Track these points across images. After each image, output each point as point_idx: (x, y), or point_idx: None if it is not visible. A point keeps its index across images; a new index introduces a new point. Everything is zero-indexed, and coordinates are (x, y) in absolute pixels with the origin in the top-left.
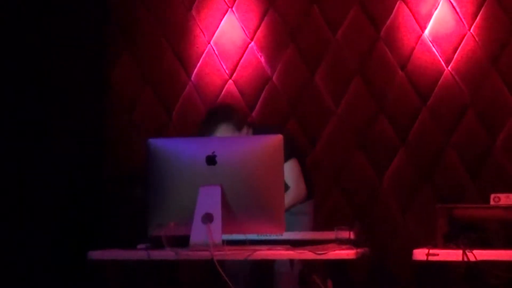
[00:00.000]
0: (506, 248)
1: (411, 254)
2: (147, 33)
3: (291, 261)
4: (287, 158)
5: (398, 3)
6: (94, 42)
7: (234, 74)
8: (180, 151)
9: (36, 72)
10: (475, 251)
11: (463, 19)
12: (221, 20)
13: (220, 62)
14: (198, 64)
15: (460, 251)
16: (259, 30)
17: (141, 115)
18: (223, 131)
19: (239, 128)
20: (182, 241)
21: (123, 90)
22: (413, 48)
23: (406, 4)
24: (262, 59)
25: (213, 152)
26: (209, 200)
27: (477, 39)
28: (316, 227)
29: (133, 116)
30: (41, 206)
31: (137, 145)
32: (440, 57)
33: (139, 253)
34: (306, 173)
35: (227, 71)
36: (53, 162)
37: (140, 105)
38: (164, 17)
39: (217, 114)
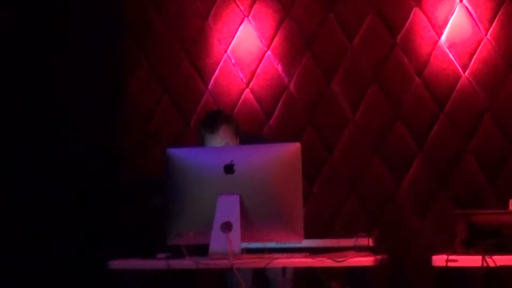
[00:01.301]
0: None
1: (429, 260)
2: (164, 43)
3: (283, 269)
4: None
5: (414, 9)
6: (111, 51)
7: (251, 83)
8: (199, 160)
9: (53, 83)
10: (494, 257)
11: (479, 25)
12: (238, 29)
13: (237, 71)
14: (215, 73)
15: (480, 257)
16: (275, 39)
17: (158, 125)
18: (224, 132)
19: (236, 133)
20: (201, 250)
21: (140, 100)
22: (430, 55)
23: (422, 10)
24: (279, 68)
25: (231, 161)
26: (227, 209)
27: (494, 44)
28: (334, 234)
29: (151, 125)
30: (60, 216)
31: (155, 154)
32: (457, 63)
33: (158, 263)
34: None
35: (244, 80)
36: (71, 172)
37: (158, 115)
38: (181, 27)
39: (219, 115)
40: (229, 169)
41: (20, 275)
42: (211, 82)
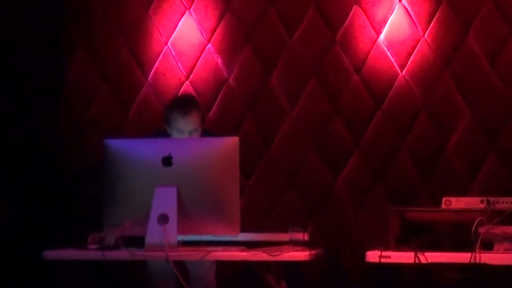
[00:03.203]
0: (457, 250)
1: (364, 254)
2: (103, 30)
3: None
4: None
5: (354, 7)
6: (49, 36)
7: (191, 75)
8: (137, 152)
9: None
10: (426, 253)
11: (417, 25)
12: (179, 21)
13: (177, 63)
14: (155, 65)
15: (412, 253)
16: (216, 32)
17: (97, 113)
18: (195, 116)
19: (203, 121)
20: (138, 242)
21: (79, 86)
22: (368, 52)
23: (362, 8)
24: (219, 61)
25: (169, 153)
26: (165, 201)
27: (430, 44)
28: (271, 227)
29: (89, 113)
30: None
31: (93, 142)
32: (395, 61)
33: (94, 253)
34: None
35: (184, 72)
36: (6, 159)
37: (97, 103)
38: (121, 15)
39: (191, 99)
40: (167, 161)
41: None
42: (151, 73)
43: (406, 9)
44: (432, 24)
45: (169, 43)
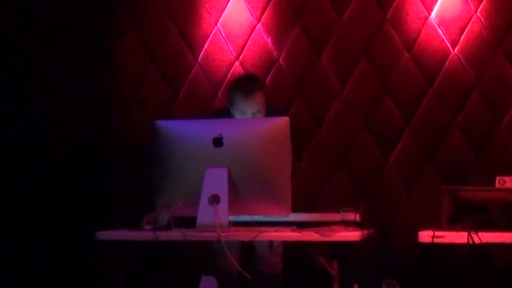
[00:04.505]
0: (511, 230)
1: (416, 235)
2: (153, 12)
3: (270, 245)
4: None
5: None
6: (98, 19)
7: (241, 56)
8: (187, 132)
9: (40, 48)
10: (480, 234)
11: (469, 2)
12: (228, 1)
13: (226, 43)
14: (205, 46)
15: (465, 233)
16: (265, 12)
17: (146, 94)
18: (258, 97)
19: (266, 101)
20: (189, 223)
21: (128, 68)
22: (420, 31)
23: None
24: (269, 41)
25: (220, 134)
26: (215, 181)
27: (483, 21)
28: (321, 208)
29: (139, 94)
30: (45, 186)
31: (143, 123)
32: (446, 39)
33: (146, 234)
34: None
35: (233, 53)
36: (57, 142)
37: (146, 84)
38: None
39: (254, 80)
40: (218, 142)
41: (6, 248)
42: (201, 54)
43: None
44: (484, 1)
45: (218, 24)
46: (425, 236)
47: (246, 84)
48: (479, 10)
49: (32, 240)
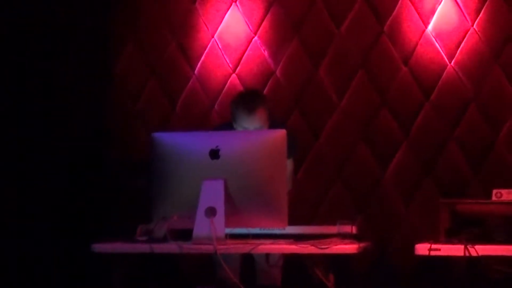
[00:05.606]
0: (508, 243)
1: (413, 247)
2: (151, 24)
3: (267, 257)
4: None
5: None
6: (97, 31)
7: (238, 68)
8: (184, 145)
9: (38, 62)
10: (476, 246)
11: (466, 15)
12: (225, 14)
13: (223, 56)
14: (202, 58)
15: (462, 246)
16: (262, 24)
17: (145, 106)
18: (261, 114)
19: (269, 116)
20: (186, 234)
21: (127, 80)
22: (417, 43)
23: None
24: (266, 53)
25: (217, 146)
26: (212, 194)
27: (480, 34)
28: (319, 220)
29: (138, 106)
30: (43, 197)
31: (141, 135)
32: (443, 52)
33: (142, 246)
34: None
35: (230, 65)
36: (55, 153)
37: (145, 96)
38: (168, 9)
39: (257, 96)
40: (214, 154)
41: (2, 258)
42: (198, 66)
43: None
44: (481, 14)
45: (215, 36)
46: (422, 248)
47: (249, 100)
48: (475, 23)
49: (30, 253)
